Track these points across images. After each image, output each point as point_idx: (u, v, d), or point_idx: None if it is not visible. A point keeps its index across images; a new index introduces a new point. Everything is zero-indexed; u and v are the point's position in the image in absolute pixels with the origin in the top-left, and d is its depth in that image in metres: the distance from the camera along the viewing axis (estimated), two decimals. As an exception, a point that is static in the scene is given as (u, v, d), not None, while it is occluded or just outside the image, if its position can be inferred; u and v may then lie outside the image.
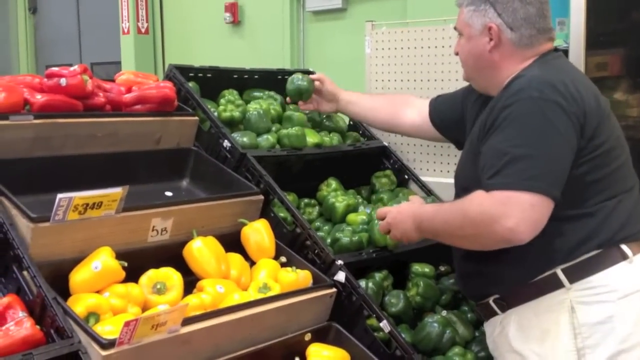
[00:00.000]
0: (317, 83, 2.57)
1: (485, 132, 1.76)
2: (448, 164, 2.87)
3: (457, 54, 2.01)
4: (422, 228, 1.90)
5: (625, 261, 1.73)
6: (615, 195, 1.76)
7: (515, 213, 1.59)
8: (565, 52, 2.73)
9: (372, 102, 2.54)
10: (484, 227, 1.64)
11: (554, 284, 1.73)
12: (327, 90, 2.57)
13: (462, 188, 1.88)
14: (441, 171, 2.91)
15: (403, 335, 2.03)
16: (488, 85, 1.92)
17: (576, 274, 1.72)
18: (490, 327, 1.91)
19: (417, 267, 2.34)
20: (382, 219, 2.07)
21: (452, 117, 2.22)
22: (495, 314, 1.87)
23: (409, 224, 1.93)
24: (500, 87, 1.84)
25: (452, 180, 2.07)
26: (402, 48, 3.02)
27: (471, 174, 1.82)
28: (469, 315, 2.30)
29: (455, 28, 1.99)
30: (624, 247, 1.73)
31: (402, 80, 3.04)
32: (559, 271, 1.73)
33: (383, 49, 3.09)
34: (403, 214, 1.97)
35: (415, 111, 2.41)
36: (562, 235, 1.70)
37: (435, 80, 2.92)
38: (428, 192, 2.73)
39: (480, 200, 1.65)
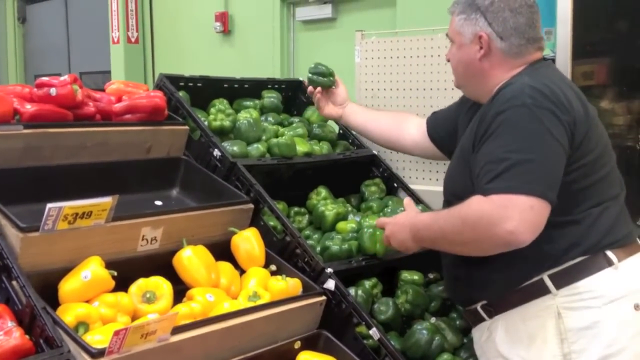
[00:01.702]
0: (338, 80, 2.60)
1: (479, 139, 1.77)
2: (437, 172, 2.88)
3: (448, 60, 2.03)
4: (420, 237, 1.90)
5: (610, 267, 1.75)
6: (601, 203, 1.78)
7: (516, 215, 1.59)
8: (552, 61, 2.76)
9: (375, 115, 2.55)
10: (485, 231, 1.64)
11: (541, 290, 1.75)
12: (340, 93, 2.59)
13: (452, 194, 1.90)
14: (430, 179, 2.93)
15: (392, 343, 2.04)
16: (478, 93, 1.95)
17: (562, 280, 1.74)
18: (478, 333, 1.93)
19: (406, 275, 2.35)
20: (383, 229, 2.08)
21: (448, 131, 2.23)
22: (482, 319, 1.89)
23: (405, 234, 1.93)
24: (489, 95, 1.86)
25: (441, 189, 2.08)
26: (391, 57, 3.04)
27: (461, 180, 1.84)
28: (457, 322, 2.31)
29: (447, 35, 2.01)
30: (609, 253, 1.76)
31: (391, 89, 3.06)
32: (545, 277, 1.74)
33: (373, 58, 3.10)
34: (399, 225, 1.97)
35: (415, 127, 2.40)
36: (550, 242, 1.72)
37: (425, 89, 2.94)
38: (417, 201, 2.74)
39: (479, 205, 1.66)
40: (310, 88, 2.62)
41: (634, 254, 1.81)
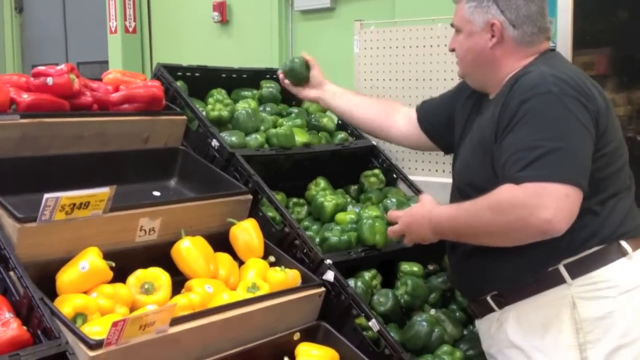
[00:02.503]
0: (310, 61, 2.46)
1: (503, 128, 1.73)
2: (437, 163, 2.88)
3: (452, 50, 1.99)
4: (441, 229, 1.87)
5: (624, 257, 1.75)
6: (618, 193, 1.78)
7: (552, 204, 1.58)
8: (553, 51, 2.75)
9: (360, 99, 2.43)
10: (519, 220, 1.62)
11: (556, 280, 1.75)
12: (313, 76, 2.44)
13: (468, 185, 1.88)
14: (429, 170, 2.92)
15: (392, 334, 2.03)
16: (485, 82, 1.93)
17: (578, 270, 1.73)
18: (486, 324, 1.92)
19: (406, 266, 2.34)
20: (393, 222, 2.04)
21: (442, 120, 2.19)
22: (491, 310, 1.88)
23: (424, 227, 1.90)
24: (498, 84, 1.85)
25: (440, 180, 2.08)
26: (390, 47, 3.03)
27: (481, 170, 1.82)
28: (457, 314, 2.31)
29: (452, 24, 1.98)
30: (623, 243, 1.76)
31: (390, 80, 3.05)
32: (561, 267, 1.74)
33: (372, 48, 3.09)
34: (417, 217, 1.94)
35: (404, 117, 2.32)
36: (569, 231, 1.67)
37: (424, 79, 2.93)
38: (416, 191, 2.73)
39: (512, 194, 1.63)
40: (281, 76, 2.51)
41: None
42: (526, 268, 1.77)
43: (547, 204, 1.58)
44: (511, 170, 1.66)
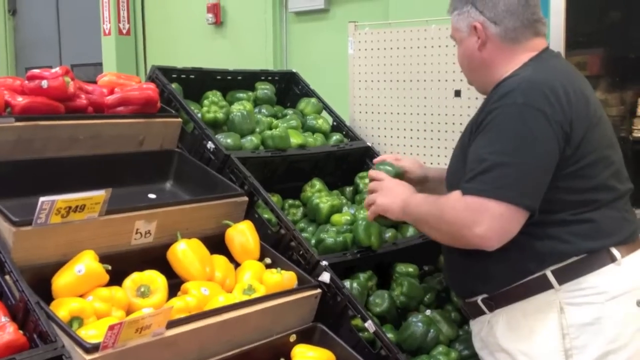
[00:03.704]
0: (406, 172, 2.17)
1: (473, 133, 1.76)
2: (431, 163, 2.88)
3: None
4: (407, 211, 1.92)
5: (613, 263, 1.73)
6: (609, 201, 1.76)
7: (485, 221, 1.62)
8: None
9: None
10: (456, 231, 1.69)
11: (543, 285, 1.73)
12: (416, 178, 2.17)
13: (452, 186, 1.87)
14: (424, 171, 2.92)
15: (388, 335, 2.04)
16: (485, 86, 1.90)
17: (566, 276, 1.72)
18: (478, 326, 1.92)
19: (401, 267, 2.34)
20: (371, 191, 2.05)
21: None
22: (483, 312, 1.87)
23: (397, 202, 1.94)
24: (491, 88, 1.83)
25: (435, 180, 2.07)
26: (384, 48, 3.03)
27: (460, 173, 1.81)
28: (452, 315, 2.31)
29: (452, 37, 1.98)
30: (612, 249, 1.73)
31: (385, 81, 3.05)
32: (548, 272, 1.72)
33: (366, 49, 3.09)
34: (396, 191, 1.98)
35: None
36: (555, 239, 1.70)
37: (418, 80, 2.93)
38: (411, 192, 2.74)
39: (454, 204, 1.69)
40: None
41: (636, 250, 1.79)
42: (510, 272, 1.76)
43: (480, 220, 1.62)
44: (463, 178, 1.70)
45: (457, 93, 2.82)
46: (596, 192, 1.74)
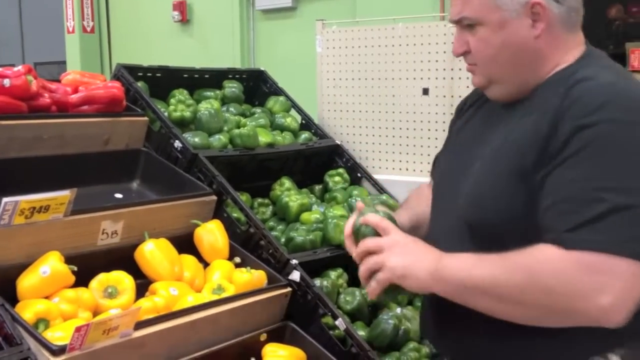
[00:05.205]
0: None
1: (551, 155, 1.24)
2: (400, 161, 2.90)
3: (463, 53, 1.42)
4: (443, 276, 1.31)
5: None
6: None
7: (614, 287, 1.13)
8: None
9: (414, 211, 1.68)
10: (564, 302, 1.17)
11: None
12: (407, 228, 1.60)
13: (482, 219, 1.35)
14: (393, 169, 2.94)
15: (359, 333, 2.04)
16: (522, 87, 1.38)
17: None
18: None
19: (371, 265, 2.35)
20: (371, 252, 1.44)
21: None
22: None
23: (423, 263, 1.34)
24: (534, 85, 1.36)
25: (404, 178, 2.05)
26: (352, 47, 3.04)
27: (508, 204, 1.30)
28: (422, 311, 2.33)
29: (455, 21, 1.40)
30: None
31: (353, 79, 3.06)
32: (614, 357, 1.30)
33: (334, 47, 3.10)
34: (416, 248, 1.38)
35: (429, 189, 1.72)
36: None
37: (386, 78, 2.95)
38: (380, 190, 2.75)
39: (556, 264, 1.17)
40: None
41: None
42: (566, 353, 1.29)
43: (607, 287, 1.14)
44: (557, 225, 1.20)
45: (425, 91, 2.84)
46: None
